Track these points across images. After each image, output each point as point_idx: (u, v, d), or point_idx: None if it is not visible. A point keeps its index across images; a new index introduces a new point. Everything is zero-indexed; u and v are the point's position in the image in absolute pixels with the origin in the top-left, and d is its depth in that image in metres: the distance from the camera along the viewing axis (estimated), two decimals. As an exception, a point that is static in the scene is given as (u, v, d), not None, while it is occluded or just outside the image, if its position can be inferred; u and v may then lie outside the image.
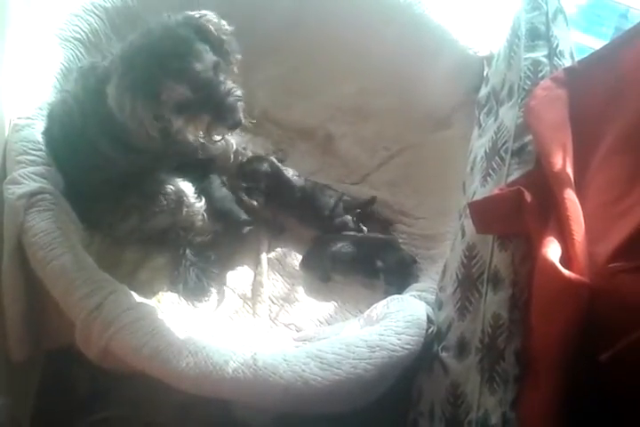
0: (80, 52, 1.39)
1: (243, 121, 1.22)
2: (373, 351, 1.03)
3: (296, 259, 1.44)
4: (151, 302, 1.22)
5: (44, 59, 1.34)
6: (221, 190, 1.47)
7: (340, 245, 1.41)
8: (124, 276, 1.27)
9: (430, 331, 1.11)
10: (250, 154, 1.54)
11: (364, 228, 1.48)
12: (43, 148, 1.22)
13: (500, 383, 0.94)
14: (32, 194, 1.13)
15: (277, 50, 1.71)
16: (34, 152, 1.20)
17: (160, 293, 1.30)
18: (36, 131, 1.23)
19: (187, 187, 1.37)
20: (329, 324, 1.33)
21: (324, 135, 1.65)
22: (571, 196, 0.92)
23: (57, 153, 1.24)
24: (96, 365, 1.11)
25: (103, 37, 1.44)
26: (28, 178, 1.15)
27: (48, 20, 1.40)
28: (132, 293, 1.14)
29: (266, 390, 1.01)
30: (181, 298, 1.32)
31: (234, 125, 1.21)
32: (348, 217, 1.48)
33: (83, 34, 1.39)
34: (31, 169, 1.17)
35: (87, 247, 1.18)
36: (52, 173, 1.20)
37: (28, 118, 1.24)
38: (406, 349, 1.06)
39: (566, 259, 0.85)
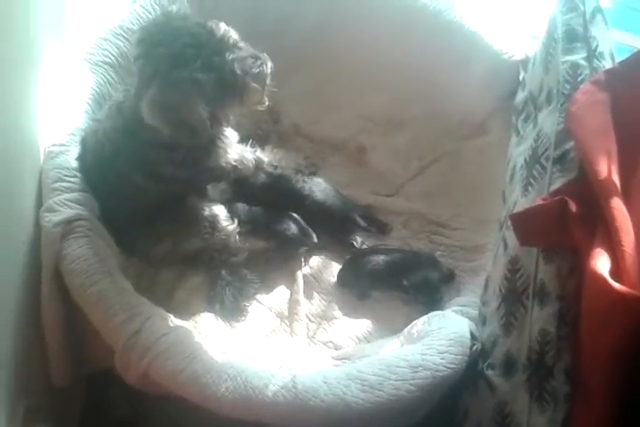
0: (110, 76, 1.40)
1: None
2: (416, 372, 1.00)
3: (332, 275, 1.42)
4: (188, 323, 1.21)
5: (75, 85, 1.35)
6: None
7: (375, 261, 1.38)
8: (162, 297, 1.27)
9: (474, 349, 1.07)
10: (280, 171, 1.53)
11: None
12: (77, 174, 1.23)
13: (550, 402, 0.91)
14: (68, 221, 1.14)
15: (305, 64, 1.70)
16: (69, 179, 1.21)
17: (197, 314, 1.29)
18: (70, 157, 1.24)
19: (219, 210, 1.37)
20: (368, 341, 1.30)
21: (355, 147, 1.63)
22: (618, 205, 0.88)
23: (91, 180, 1.25)
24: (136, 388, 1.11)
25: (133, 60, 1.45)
26: (64, 205, 1.16)
27: (78, 45, 1.42)
28: (170, 315, 1.14)
29: (307, 414, 0.98)
30: (218, 318, 1.31)
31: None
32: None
33: (112, 58, 1.40)
34: (67, 196, 1.18)
35: (124, 271, 1.18)
36: (88, 199, 1.21)
37: (62, 145, 1.25)
38: (450, 368, 1.02)
39: (616, 271, 0.82)
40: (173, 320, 1.14)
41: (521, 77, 1.43)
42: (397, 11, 1.57)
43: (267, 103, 1.26)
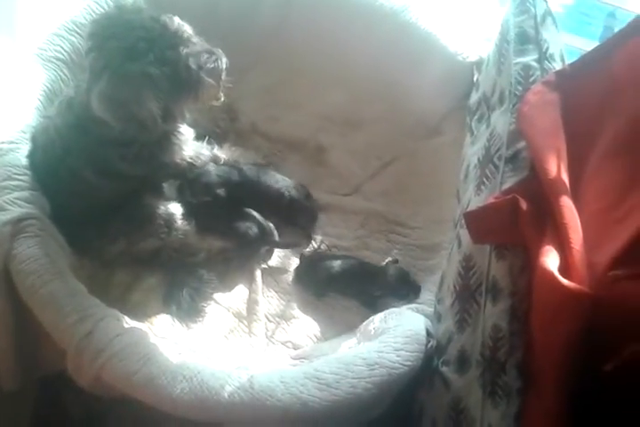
0: (63, 73, 1.37)
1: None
2: (372, 369, 1.01)
3: (291, 275, 1.42)
4: (144, 325, 1.19)
5: (26, 81, 1.32)
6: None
7: (332, 267, 1.38)
8: (116, 299, 1.25)
9: (430, 345, 1.09)
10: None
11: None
12: (27, 172, 1.20)
13: (503, 397, 0.92)
14: (18, 220, 1.11)
15: (263, 61, 1.69)
16: (18, 177, 1.18)
17: (153, 315, 1.27)
18: (20, 155, 1.21)
19: (175, 208, 1.35)
20: (326, 339, 1.30)
21: (314, 146, 1.62)
22: (567, 203, 0.90)
23: (41, 178, 1.22)
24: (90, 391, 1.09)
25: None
26: (14, 204, 1.13)
27: (29, 40, 1.38)
28: (124, 317, 1.12)
29: (264, 414, 0.98)
30: (175, 319, 1.29)
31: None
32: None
33: (65, 54, 1.37)
34: (16, 194, 1.15)
35: (76, 271, 1.15)
36: (38, 198, 1.18)
37: (12, 142, 1.22)
38: (406, 365, 1.03)
39: (565, 268, 0.84)
40: (128, 321, 1.12)
41: (475, 79, 1.45)
42: (356, 10, 1.57)
43: (222, 99, 1.25)
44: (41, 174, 1.22)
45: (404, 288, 1.34)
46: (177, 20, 1.15)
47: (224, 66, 1.20)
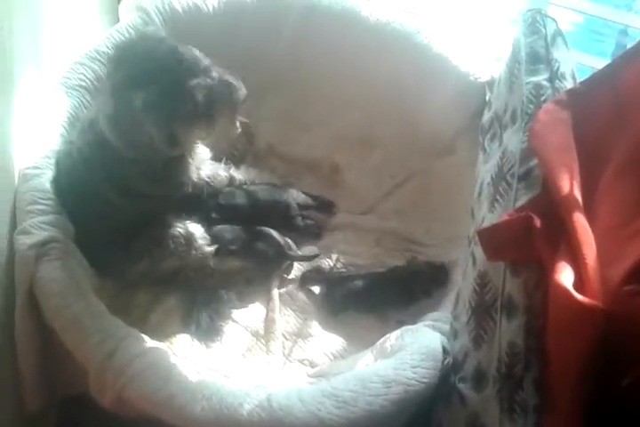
0: (86, 100, 1.42)
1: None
2: (389, 387, 1.01)
3: (307, 293, 1.43)
4: (164, 344, 1.21)
5: (50, 108, 1.37)
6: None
7: (354, 283, 1.40)
8: (136, 319, 1.27)
9: (446, 362, 1.09)
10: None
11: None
12: (52, 196, 1.24)
13: (520, 413, 0.91)
14: (42, 243, 1.14)
15: (279, 84, 1.72)
16: (43, 201, 1.21)
17: (173, 335, 1.29)
18: (45, 180, 1.25)
19: (196, 229, 1.37)
20: (343, 357, 1.31)
21: (329, 166, 1.65)
22: (580, 219, 0.90)
23: (65, 201, 1.26)
24: (111, 411, 1.10)
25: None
26: (38, 228, 1.17)
27: (54, 69, 1.43)
28: (145, 337, 1.14)
29: (282, 432, 0.99)
30: (194, 339, 1.31)
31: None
32: None
33: (87, 81, 1.42)
34: (41, 218, 1.18)
35: (98, 292, 1.18)
36: (62, 221, 1.22)
37: (37, 168, 1.26)
38: (422, 382, 1.04)
39: (579, 284, 0.84)
40: (148, 341, 1.14)
41: (487, 98, 1.46)
42: (369, 35, 1.60)
43: (238, 130, 1.27)
44: (65, 198, 1.26)
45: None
46: (195, 51, 1.18)
47: (241, 97, 1.22)
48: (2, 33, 1.19)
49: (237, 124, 1.27)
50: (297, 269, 1.48)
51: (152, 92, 1.11)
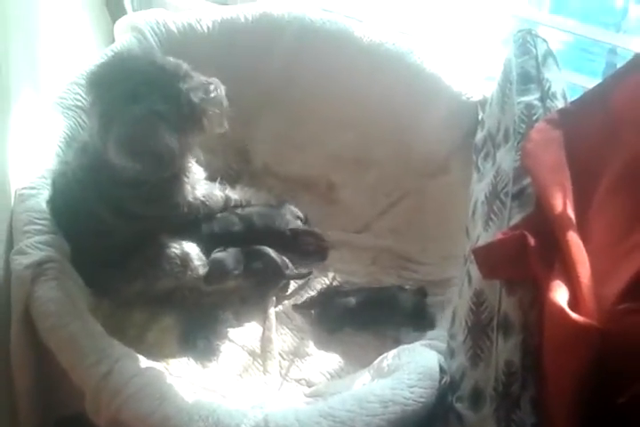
0: (82, 120, 1.42)
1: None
2: (386, 407, 1.01)
3: (304, 312, 1.43)
4: (160, 364, 1.21)
5: (46, 128, 1.38)
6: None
7: (347, 299, 1.40)
8: (132, 339, 1.26)
9: (443, 382, 1.09)
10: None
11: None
12: (48, 216, 1.24)
13: (518, 433, 0.92)
14: (39, 264, 1.14)
15: (273, 105, 1.74)
16: (39, 221, 1.21)
17: (169, 355, 1.29)
18: (41, 200, 1.25)
19: (192, 249, 1.38)
20: (340, 377, 1.31)
21: (325, 185, 1.66)
22: (574, 238, 0.91)
23: (61, 221, 1.26)
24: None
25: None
26: (35, 248, 1.17)
27: (50, 89, 1.44)
28: (141, 357, 1.14)
29: (279, 453, 0.98)
30: (190, 359, 1.31)
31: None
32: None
33: (83, 101, 1.41)
34: (37, 238, 1.18)
35: (94, 312, 1.18)
36: (58, 241, 1.22)
37: (33, 188, 1.26)
38: (419, 402, 1.03)
39: (574, 302, 0.84)
40: (144, 361, 1.13)
41: (480, 117, 1.47)
42: (362, 55, 1.62)
43: (227, 127, 1.29)
44: (61, 218, 1.26)
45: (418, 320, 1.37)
46: (172, 59, 1.21)
47: (223, 93, 1.25)
48: (-1, 54, 1.21)
49: (225, 121, 1.28)
50: (292, 287, 1.49)
51: (153, 102, 1.14)
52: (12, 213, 1.24)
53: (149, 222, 1.33)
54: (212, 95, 1.23)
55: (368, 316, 1.40)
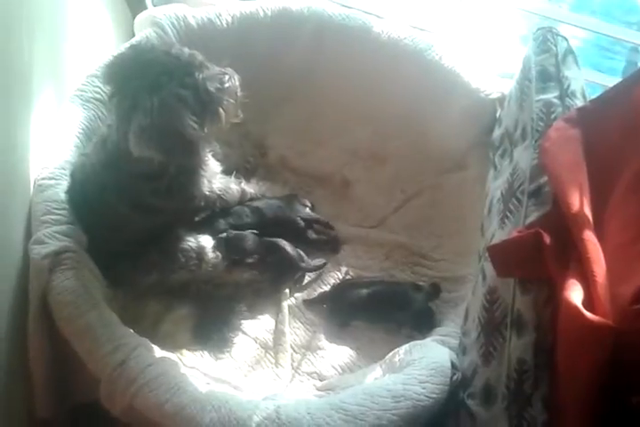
0: (101, 112, 1.44)
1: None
2: (398, 402, 1.02)
3: (317, 306, 1.44)
4: (173, 355, 1.22)
5: (66, 120, 1.39)
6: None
7: (358, 293, 1.40)
8: (147, 329, 1.28)
9: (455, 378, 1.09)
10: None
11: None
12: (66, 206, 1.25)
13: (529, 431, 0.92)
14: (56, 253, 1.16)
15: (291, 100, 1.74)
16: (58, 211, 1.23)
17: (183, 345, 1.30)
18: (60, 190, 1.26)
19: (207, 242, 1.39)
20: (351, 371, 1.31)
21: (340, 180, 1.66)
22: (590, 237, 0.91)
23: (79, 212, 1.27)
24: (122, 420, 1.11)
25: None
26: (53, 237, 1.18)
27: (70, 82, 1.46)
28: (155, 347, 1.15)
29: (290, 444, 0.99)
30: (204, 350, 1.32)
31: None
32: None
33: (102, 94, 1.43)
34: (55, 228, 1.20)
35: (110, 302, 1.19)
36: (76, 232, 1.23)
37: (52, 178, 1.28)
38: (431, 398, 1.04)
39: (589, 301, 0.84)
40: (159, 351, 1.15)
41: (497, 115, 1.47)
42: (381, 51, 1.61)
43: (241, 115, 1.29)
44: (79, 209, 1.27)
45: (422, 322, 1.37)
46: (186, 50, 1.22)
47: (237, 83, 1.26)
48: (21, 46, 1.22)
49: (239, 110, 1.28)
50: (306, 280, 1.50)
51: (174, 88, 1.14)
52: (30, 202, 1.26)
53: (166, 216, 1.34)
54: (227, 85, 1.24)
55: (378, 309, 1.40)
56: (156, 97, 1.13)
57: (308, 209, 1.57)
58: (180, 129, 1.15)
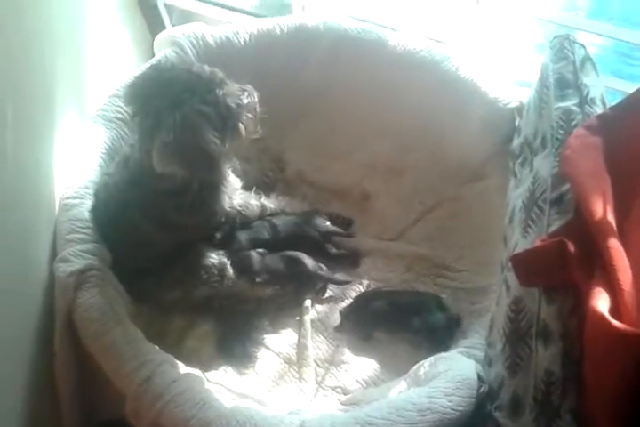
0: (123, 131, 1.46)
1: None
2: (424, 415, 1.00)
3: (339, 320, 1.43)
4: (198, 371, 1.22)
5: (89, 140, 1.42)
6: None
7: (380, 303, 1.40)
8: (171, 345, 1.29)
9: (482, 390, 1.07)
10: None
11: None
12: (91, 225, 1.28)
13: (559, 442, 0.90)
14: (81, 271, 1.18)
15: (308, 114, 1.75)
16: (82, 230, 1.25)
17: (207, 361, 1.30)
18: (84, 209, 1.29)
19: (227, 259, 1.40)
20: (376, 385, 1.30)
21: (359, 194, 1.66)
22: (615, 244, 0.90)
23: (103, 230, 1.30)
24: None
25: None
26: (78, 256, 1.20)
27: (93, 102, 1.49)
28: (179, 363, 1.16)
29: (316, 460, 0.99)
30: (228, 366, 1.32)
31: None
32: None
33: (124, 113, 1.45)
34: (80, 247, 1.22)
35: (135, 319, 1.20)
36: (100, 250, 1.25)
37: (76, 198, 1.30)
38: (458, 411, 1.03)
39: (616, 309, 0.83)
40: (183, 367, 1.15)
41: (516, 124, 1.46)
42: (397, 63, 1.62)
43: (260, 131, 1.31)
44: (103, 227, 1.30)
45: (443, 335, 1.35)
46: (207, 67, 1.24)
47: (256, 99, 1.28)
48: (44, 69, 1.25)
49: (259, 126, 1.30)
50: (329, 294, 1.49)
51: (196, 105, 1.16)
52: (55, 221, 1.28)
53: (188, 232, 1.35)
54: (247, 101, 1.25)
55: (399, 319, 1.39)
56: (178, 113, 1.15)
57: (328, 223, 1.57)
58: (203, 144, 1.16)
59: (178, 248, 1.35)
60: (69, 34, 1.39)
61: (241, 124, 1.25)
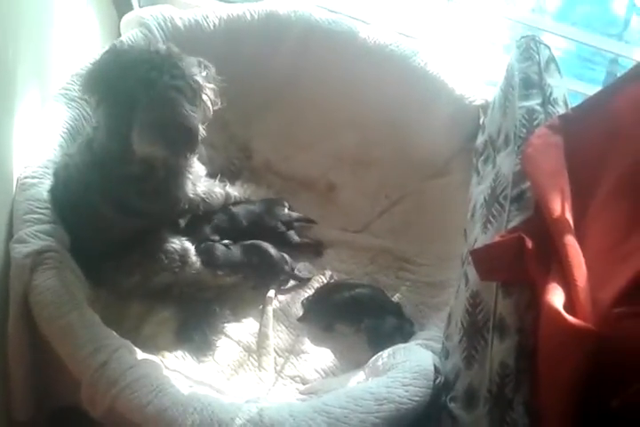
0: (85, 111, 1.43)
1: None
2: (381, 404, 1.02)
3: (301, 309, 1.43)
4: (156, 357, 1.21)
5: (50, 119, 1.38)
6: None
7: (342, 295, 1.40)
8: (129, 331, 1.27)
9: (438, 381, 1.09)
10: None
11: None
12: (49, 206, 1.24)
13: (511, 434, 0.93)
14: (38, 252, 1.14)
15: (276, 103, 1.74)
16: (40, 210, 1.22)
17: (165, 348, 1.29)
18: (43, 189, 1.25)
19: (190, 244, 1.39)
20: (334, 375, 1.31)
21: (325, 185, 1.67)
22: (571, 241, 0.92)
23: (62, 211, 1.26)
24: (102, 423, 1.10)
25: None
26: (35, 237, 1.17)
27: (55, 82, 1.45)
28: (137, 349, 1.14)
29: (273, 447, 0.99)
30: (186, 353, 1.31)
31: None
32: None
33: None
34: (37, 227, 1.19)
35: (92, 304, 1.18)
36: (59, 231, 1.22)
37: (35, 177, 1.26)
38: (414, 400, 1.04)
39: (570, 305, 0.85)
40: (140, 353, 1.14)
41: (481, 121, 1.48)
42: (367, 56, 1.63)
43: (220, 103, 1.29)
44: (62, 209, 1.26)
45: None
46: (161, 44, 1.24)
47: (214, 70, 1.27)
48: (6, 48, 1.21)
49: (219, 99, 1.28)
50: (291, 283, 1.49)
51: (168, 81, 1.15)
52: (13, 201, 1.24)
53: (149, 218, 1.33)
54: (205, 72, 1.24)
55: (361, 312, 1.40)
56: (153, 92, 1.13)
57: (286, 210, 1.57)
58: (182, 119, 1.15)
59: (138, 233, 1.33)
60: (32, 11, 1.35)
61: (205, 96, 1.23)
